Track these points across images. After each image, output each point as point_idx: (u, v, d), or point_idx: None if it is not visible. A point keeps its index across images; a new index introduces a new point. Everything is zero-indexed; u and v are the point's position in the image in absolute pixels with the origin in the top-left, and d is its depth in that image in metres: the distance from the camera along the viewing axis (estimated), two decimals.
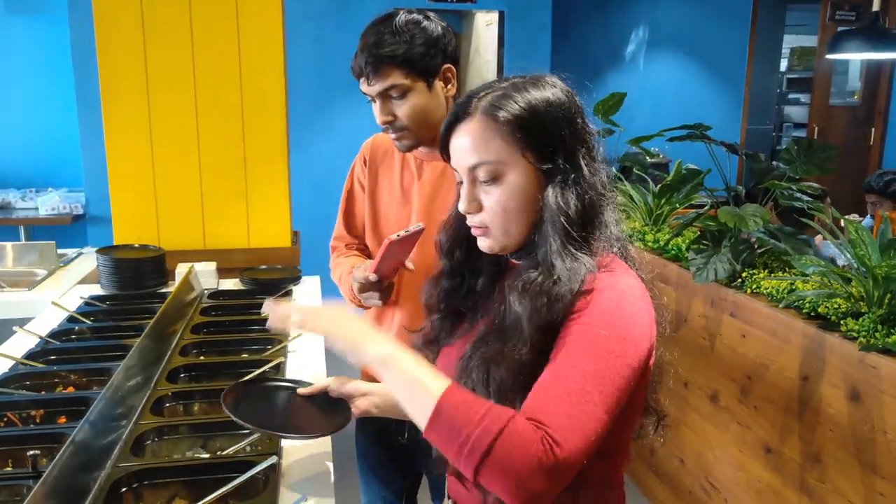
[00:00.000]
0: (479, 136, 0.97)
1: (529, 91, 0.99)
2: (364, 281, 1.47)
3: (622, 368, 0.89)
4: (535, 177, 0.97)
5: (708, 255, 2.36)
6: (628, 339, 0.91)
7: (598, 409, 0.86)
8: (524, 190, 0.97)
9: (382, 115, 1.50)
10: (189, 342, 2.00)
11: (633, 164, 3.47)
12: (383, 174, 1.68)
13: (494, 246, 1.02)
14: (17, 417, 1.61)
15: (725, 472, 2.37)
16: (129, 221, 2.75)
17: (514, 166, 0.97)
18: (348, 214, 1.77)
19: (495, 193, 0.98)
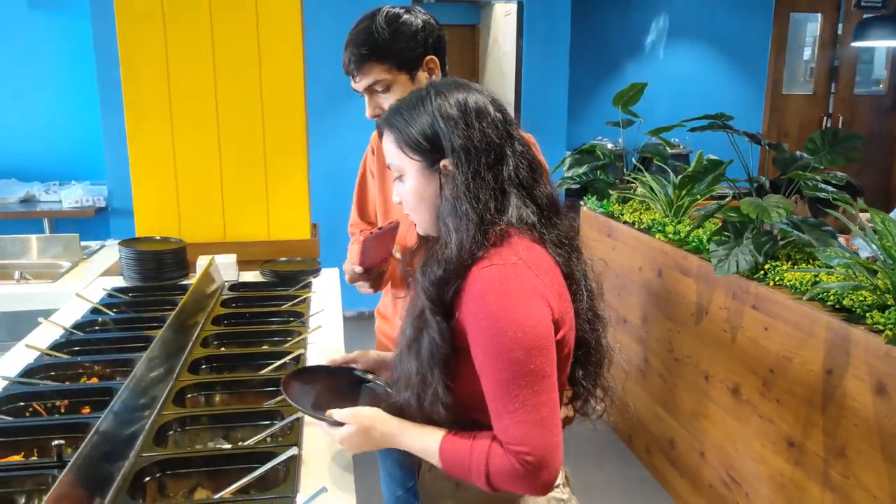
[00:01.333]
0: (386, 145, 1.21)
1: (413, 108, 1.17)
2: (351, 272, 1.60)
3: (531, 357, 1.04)
4: (424, 175, 1.16)
5: (730, 247, 2.33)
6: (525, 329, 1.04)
7: (540, 404, 1.05)
8: (417, 187, 1.17)
9: (370, 109, 1.61)
10: (210, 333, 2.02)
11: (654, 155, 3.45)
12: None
13: (419, 229, 1.23)
14: (43, 407, 1.64)
15: (747, 465, 2.35)
16: (150, 214, 2.78)
17: (408, 169, 1.18)
18: (361, 202, 1.89)
19: (402, 189, 1.20)
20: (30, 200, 4.66)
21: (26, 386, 1.69)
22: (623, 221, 3.31)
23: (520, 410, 1.04)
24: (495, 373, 1.05)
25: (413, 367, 1.12)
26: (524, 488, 1.08)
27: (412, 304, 1.17)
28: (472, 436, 1.10)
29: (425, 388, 1.11)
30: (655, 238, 2.93)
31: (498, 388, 1.05)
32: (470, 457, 1.08)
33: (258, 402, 1.69)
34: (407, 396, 1.15)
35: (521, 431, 1.04)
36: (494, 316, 1.04)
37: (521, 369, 1.03)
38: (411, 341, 1.14)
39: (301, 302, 2.31)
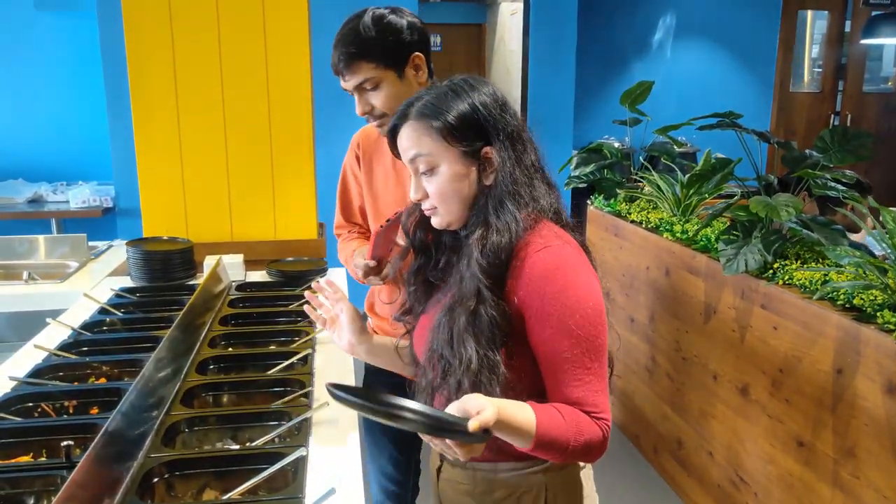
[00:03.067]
0: (412, 137, 1.18)
1: (450, 98, 1.18)
2: (365, 267, 1.65)
3: (599, 331, 1.11)
4: (463, 163, 1.17)
5: (738, 246, 2.32)
6: (592, 305, 1.11)
7: (604, 373, 1.13)
8: (454, 176, 1.17)
9: (360, 107, 1.65)
10: (217, 334, 2.02)
11: (661, 154, 3.43)
12: (377, 161, 1.82)
13: (441, 223, 1.21)
14: (51, 408, 1.64)
15: (755, 465, 2.34)
16: (158, 214, 2.78)
17: (444, 158, 1.17)
18: (345, 205, 1.94)
19: (433, 182, 1.18)
20: (37, 201, 4.67)
21: (35, 386, 1.69)
22: (630, 220, 3.29)
23: (594, 381, 1.10)
24: (569, 348, 1.09)
25: (471, 350, 1.11)
26: (595, 456, 1.11)
27: (456, 293, 1.16)
28: (550, 404, 1.10)
29: (487, 370, 1.10)
30: (663, 237, 2.92)
31: (571, 363, 1.10)
32: (566, 425, 1.07)
33: (266, 402, 1.69)
34: (463, 383, 1.11)
35: (600, 399, 1.11)
36: (564, 295, 1.09)
37: (592, 344, 1.10)
38: (466, 326, 1.12)
39: (308, 301, 2.30)
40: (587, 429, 1.09)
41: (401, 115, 1.22)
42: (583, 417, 1.09)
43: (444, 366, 1.15)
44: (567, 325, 1.09)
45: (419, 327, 1.30)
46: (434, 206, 1.20)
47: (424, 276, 1.31)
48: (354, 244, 1.88)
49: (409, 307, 1.33)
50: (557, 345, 1.10)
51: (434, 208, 1.20)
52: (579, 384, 1.10)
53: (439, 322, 1.18)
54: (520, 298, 1.12)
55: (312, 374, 1.79)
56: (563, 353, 1.10)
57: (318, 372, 1.82)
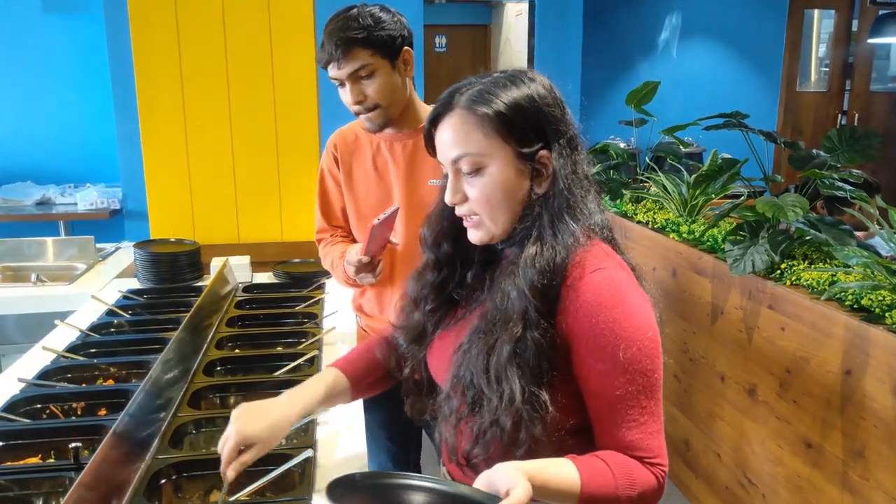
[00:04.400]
0: (460, 130, 1.01)
1: (508, 87, 1.03)
2: (358, 264, 1.62)
3: (657, 365, 1.00)
4: (516, 166, 1.02)
5: (745, 247, 2.31)
6: (650, 337, 0.99)
7: (659, 412, 1.01)
8: (506, 179, 1.01)
9: (354, 96, 1.63)
10: (224, 335, 2.02)
11: (667, 154, 3.42)
12: (357, 163, 1.81)
13: (484, 236, 1.05)
14: (59, 409, 1.65)
15: (763, 467, 2.33)
16: (165, 216, 2.79)
17: (495, 157, 1.01)
18: (325, 209, 1.92)
19: (478, 184, 1.02)
20: (45, 203, 4.70)
21: (43, 388, 1.70)
22: (637, 221, 3.29)
23: (649, 421, 0.99)
24: (623, 385, 0.97)
25: (514, 385, 0.96)
26: (656, 498, 1.00)
27: (495, 315, 1.01)
28: (595, 456, 0.98)
29: (530, 407, 0.96)
30: (669, 238, 2.92)
31: (624, 401, 0.97)
32: (615, 479, 0.95)
33: None
34: (502, 421, 0.97)
35: (655, 442, 1.00)
36: (619, 325, 0.96)
37: (649, 380, 0.98)
38: (510, 357, 0.97)
39: (315, 303, 2.31)
40: (640, 479, 0.97)
41: (445, 103, 1.04)
42: (634, 466, 0.97)
43: (475, 396, 1.01)
44: (622, 359, 0.96)
45: (435, 348, 1.17)
46: (475, 214, 1.04)
47: (447, 292, 1.16)
48: (340, 247, 1.84)
49: (418, 333, 1.18)
50: (611, 381, 0.97)
51: (475, 216, 1.04)
52: (634, 425, 0.98)
53: (469, 346, 1.03)
54: (568, 325, 0.98)
55: None
56: (617, 391, 0.97)
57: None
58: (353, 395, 1.29)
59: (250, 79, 2.74)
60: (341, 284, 1.85)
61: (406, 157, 1.74)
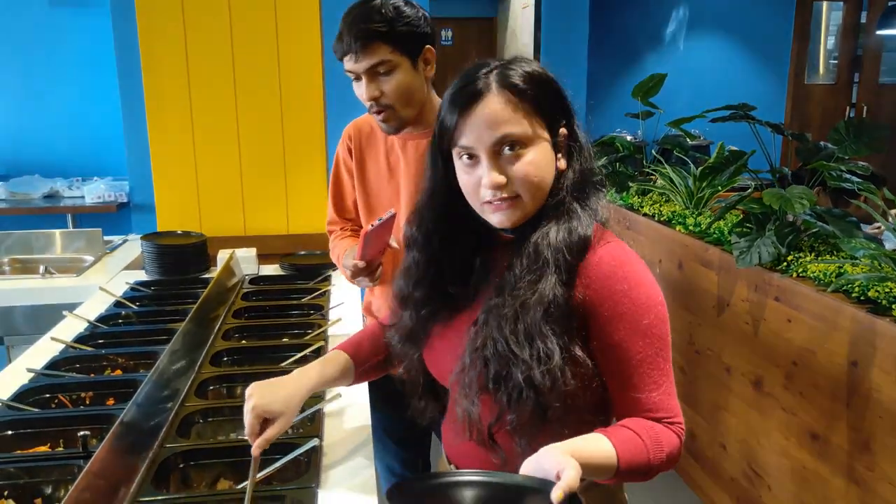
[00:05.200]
0: (504, 110, 1.00)
1: (532, 65, 1.05)
2: (354, 268, 1.55)
3: (668, 329, 1.04)
4: (550, 143, 1.04)
5: (752, 239, 2.30)
6: (660, 301, 1.03)
7: (671, 372, 1.04)
8: (545, 157, 1.03)
9: (369, 92, 1.52)
10: (231, 327, 2.03)
11: (674, 147, 3.42)
12: (370, 156, 1.73)
13: (518, 217, 1.04)
14: (68, 399, 1.66)
15: (769, 458, 2.33)
16: (171, 209, 2.81)
17: (536, 136, 1.02)
18: (337, 199, 1.84)
19: (522, 163, 1.01)
20: (53, 196, 4.72)
21: (52, 378, 1.71)
22: (643, 214, 3.28)
23: (665, 382, 1.03)
24: (642, 349, 1.01)
25: (551, 344, 0.99)
26: (674, 464, 1.03)
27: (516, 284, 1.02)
28: (622, 426, 1.00)
29: (555, 380, 0.97)
30: (676, 230, 2.91)
31: (645, 365, 1.01)
32: (645, 445, 0.98)
33: None
34: (536, 379, 0.98)
35: (673, 402, 1.03)
36: (636, 292, 1.01)
37: (663, 343, 1.03)
38: (545, 317, 0.98)
39: (321, 295, 2.32)
40: (666, 441, 1.00)
41: (476, 86, 1.01)
42: (660, 430, 1.01)
43: (500, 364, 1.00)
44: (641, 325, 1.00)
45: (436, 343, 1.15)
46: (518, 194, 1.02)
47: (444, 288, 1.13)
48: (346, 243, 1.79)
49: (410, 331, 1.17)
50: (631, 346, 1.01)
51: (516, 197, 1.02)
52: (654, 387, 1.01)
53: (486, 318, 1.03)
54: (587, 298, 1.01)
55: None
56: (637, 355, 1.01)
57: None
58: (356, 376, 1.31)
59: (257, 72, 2.74)
60: (348, 281, 1.78)
61: (418, 158, 1.63)
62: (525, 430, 1.00)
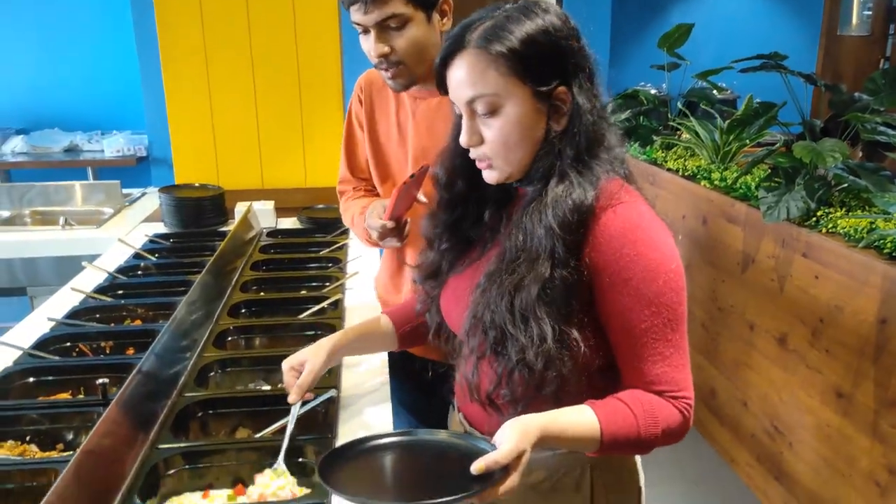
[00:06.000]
0: (474, 69, 0.97)
1: (521, 21, 0.98)
2: (382, 229, 1.41)
3: (681, 298, 0.98)
4: (533, 105, 0.98)
5: (780, 193, 2.24)
6: (674, 269, 0.97)
7: (685, 344, 1.00)
8: (523, 119, 0.98)
9: (378, 47, 1.38)
10: (249, 279, 2.02)
11: (700, 99, 3.32)
12: (380, 111, 1.62)
13: (500, 177, 1.02)
14: (89, 348, 1.67)
15: (792, 416, 2.31)
16: (189, 162, 2.79)
17: (512, 97, 0.97)
18: (350, 157, 1.72)
19: (495, 125, 0.98)
20: (73, 150, 4.73)
21: (72, 327, 1.72)
22: (667, 168, 3.21)
23: (674, 355, 0.98)
24: (648, 318, 0.96)
25: (545, 325, 0.95)
26: (677, 439, 0.99)
27: (517, 254, 0.99)
28: (615, 398, 0.98)
29: (560, 345, 0.95)
30: (701, 185, 2.84)
31: (649, 334, 0.97)
32: (636, 419, 0.95)
33: (297, 345, 1.69)
34: (530, 360, 0.96)
35: (680, 376, 0.99)
36: (643, 257, 0.95)
37: (674, 312, 0.97)
38: (539, 295, 0.95)
39: (339, 248, 2.30)
40: (663, 415, 0.97)
41: (456, 42, 0.99)
42: (657, 403, 0.97)
43: (497, 337, 0.99)
44: (647, 292, 0.95)
45: (449, 290, 1.15)
46: (490, 157, 1.00)
47: (462, 232, 1.12)
48: (362, 202, 1.65)
49: (432, 271, 1.16)
50: (636, 314, 0.96)
51: (490, 158, 1.01)
52: (659, 359, 0.97)
53: (487, 286, 1.01)
54: (593, 260, 0.96)
55: (343, 318, 1.79)
56: (642, 324, 0.96)
57: (348, 316, 1.82)
58: (399, 339, 1.31)
59: (272, 23, 2.69)
60: (362, 243, 1.66)
61: (428, 117, 1.53)
62: (520, 401, 0.99)
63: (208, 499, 1.17)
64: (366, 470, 0.96)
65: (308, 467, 1.21)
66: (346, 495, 0.88)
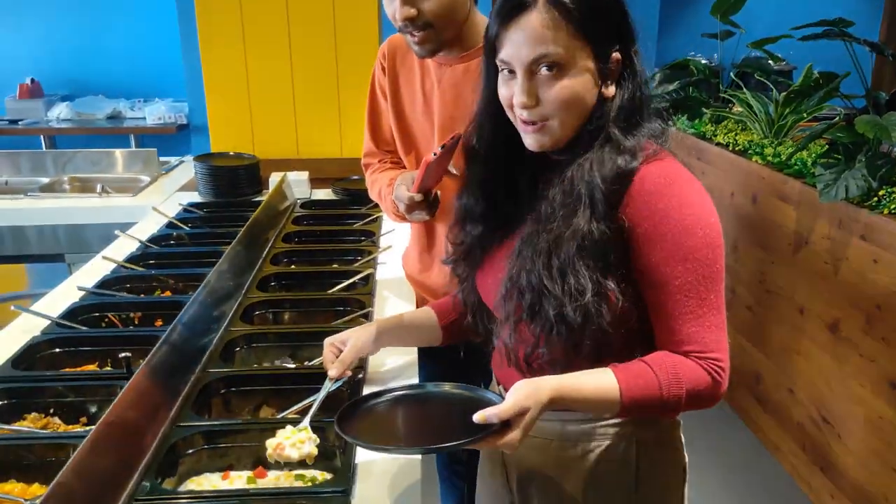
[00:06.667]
0: (546, 28, 0.94)
1: None
2: (409, 201, 1.34)
3: (717, 255, 0.96)
4: (593, 68, 0.97)
5: (839, 171, 2.10)
6: (711, 224, 0.96)
7: (720, 305, 0.97)
8: (584, 82, 0.96)
9: (404, 10, 1.30)
10: (280, 251, 1.99)
11: (754, 70, 3.15)
12: (405, 79, 1.54)
13: (548, 142, 0.99)
14: (117, 318, 1.66)
15: (841, 406, 2.20)
16: (225, 130, 2.77)
17: (578, 58, 0.95)
18: (374, 128, 1.66)
19: (556, 86, 0.95)
20: (116, 117, 4.77)
21: (102, 297, 1.71)
22: (716, 143, 3.07)
23: (708, 314, 0.95)
24: (682, 275, 0.94)
25: (583, 279, 0.94)
26: (707, 403, 0.97)
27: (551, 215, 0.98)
28: (639, 360, 0.96)
29: (599, 297, 0.94)
30: (752, 161, 2.71)
31: (683, 291, 0.95)
32: (658, 380, 0.93)
33: (326, 321, 1.66)
34: (568, 315, 0.94)
35: (712, 336, 0.96)
36: (679, 212, 0.94)
37: (709, 269, 0.95)
38: (579, 251, 0.94)
39: (373, 221, 2.25)
40: (687, 376, 0.94)
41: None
42: (682, 364, 0.95)
43: (534, 297, 0.97)
44: (682, 248, 0.94)
45: (487, 266, 1.11)
46: (547, 118, 0.97)
47: (496, 204, 1.08)
48: (389, 174, 1.58)
49: (468, 249, 1.12)
50: (669, 270, 0.94)
51: (546, 120, 0.97)
52: (691, 317, 0.95)
53: (523, 248, 1.00)
54: (628, 215, 0.95)
55: (373, 294, 1.74)
56: (676, 280, 0.94)
57: (379, 292, 1.78)
58: (443, 332, 1.25)
59: None
60: (390, 218, 1.58)
61: (455, 84, 1.45)
62: (558, 362, 0.98)
63: (228, 480, 1.14)
64: (378, 421, 1.02)
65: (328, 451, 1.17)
66: (358, 442, 0.96)
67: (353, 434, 0.95)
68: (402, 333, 1.26)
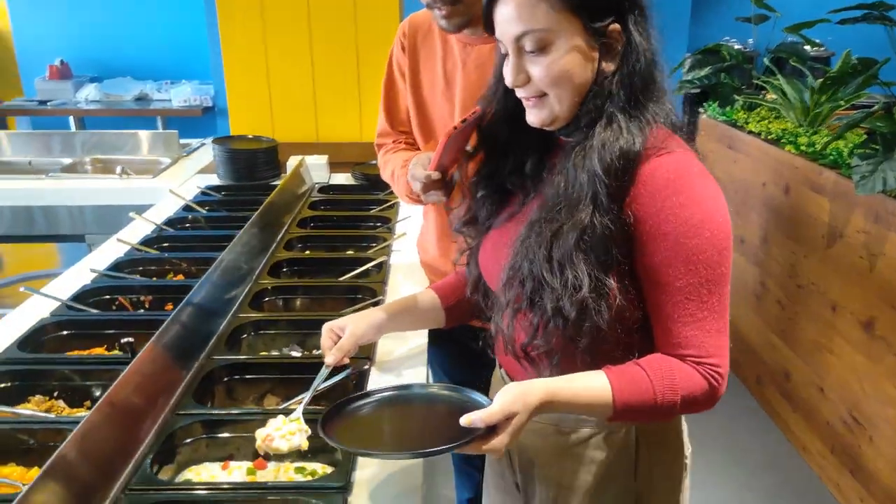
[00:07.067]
0: (524, 3, 0.91)
1: None
2: (426, 180, 1.27)
3: (724, 258, 0.91)
4: (585, 42, 0.92)
5: (876, 162, 2.01)
6: (719, 225, 0.91)
7: (723, 310, 0.92)
8: (573, 57, 0.92)
9: None
10: (294, 236, 1.96)
11: (790, 56, 3.04)
12: (425, 59, 1.49)
13: (546, 117, 0.96)
14: (128, 301, 1.64)
15: (873, 407, 2.11)
16: (244, 113, 2.74)
17: (563, 33, 0.91)
18: (390, 108, 1.61)
19: (543, 63, 0.92)
20: (143, 98, 4.78)
21: (113, 279, 1.69)
22: (748, 131, 2.97)
23: (709, 318, 0.92)
24: (683, 275, 0.90)
25: (581, 273, 0.90)
26: (702, 408, 0.95)
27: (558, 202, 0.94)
28: (634, 363, 0.93)
29: (597, 295, 0.91)
30: (785, 150, 2.61)
31: (684, 293, 0.91)
32: (652, 384, 0.91)
33: (337, 308, 1.63)
34: (565, 309, 0.92)
35: (712, 341, 0.92)
36: (686, 210, 0.89)
37: (713, 272, 0.91)
38: (578, 243, 0.91)
39: (390, 207, 2.21)
40: (682, 382, 0.91)
41: None
42: (677, 368, 0.92)
43: (534, 287, 0.95)
44: (685, 248, 0.89)
45: (489, 244, 1.09)
46: (541, 93, 0.94)
47: (501, 181, 1.06)
48: (403, 155, 1.53)
49: (471, 217, 1.11)
50: (672, 270, 0.91)
51: (540, 96, 0.95)
52: (690, 320, 0.91)
53: (527, 235, 0.96)
54: (634, 211, 0.91)
55: (385, 282, 1.70)
56: (677, 281, 0.91)
57: (391, 279, 1.74)
58: (447, 314, 1.22)
59: None
60: (403, 200, 1.55)
61: (479, 65, 1.40)
62: (555, 353, 0.96)
63: (227, 471, 1.11)
64: (363, 423, 0.99)
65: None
66: (341, 446, 0.93)
67: (337, 437, 0.93)
68: (404, 318, 1.22)
